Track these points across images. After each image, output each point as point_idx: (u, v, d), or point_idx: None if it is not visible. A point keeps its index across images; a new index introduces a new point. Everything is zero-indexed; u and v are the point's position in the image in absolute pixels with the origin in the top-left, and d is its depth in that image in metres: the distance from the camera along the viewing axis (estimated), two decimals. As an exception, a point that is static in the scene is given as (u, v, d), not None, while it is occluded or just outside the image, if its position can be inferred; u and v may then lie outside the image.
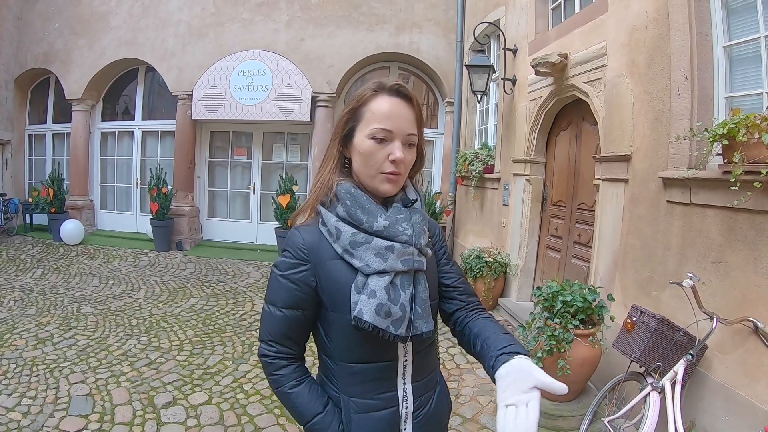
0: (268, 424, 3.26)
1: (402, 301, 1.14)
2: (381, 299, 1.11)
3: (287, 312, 1.18)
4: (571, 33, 4.47)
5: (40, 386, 3.61)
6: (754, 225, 2.48)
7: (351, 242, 1.15)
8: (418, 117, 1.20)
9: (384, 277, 1.13)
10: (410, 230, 1.18)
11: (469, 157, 6.93)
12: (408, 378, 1.23)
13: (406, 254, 1.16)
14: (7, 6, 9.42)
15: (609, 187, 3.82)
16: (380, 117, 1.15)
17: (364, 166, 1.18)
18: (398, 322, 1.13)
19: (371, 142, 1.16)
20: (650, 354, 2.69)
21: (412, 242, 1.17)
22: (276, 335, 1.20)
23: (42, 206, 9.16)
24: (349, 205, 1.16)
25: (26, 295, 5.86)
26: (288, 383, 1.20)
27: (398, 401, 1.22)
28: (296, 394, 1.19)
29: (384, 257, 1.13)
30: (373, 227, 1.15)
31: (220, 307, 5.73)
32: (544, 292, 3.35)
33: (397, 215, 1.19)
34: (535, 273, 5.54)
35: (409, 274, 1.17)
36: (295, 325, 1.20)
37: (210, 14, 8.84)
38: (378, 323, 1.10)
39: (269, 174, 9.57)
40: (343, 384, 1.21)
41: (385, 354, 1.19)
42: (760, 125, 2.27)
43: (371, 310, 1.10)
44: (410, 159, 1.20)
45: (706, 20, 2.95)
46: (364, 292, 1.12)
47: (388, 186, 1.19)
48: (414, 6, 8.58)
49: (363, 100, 1.18)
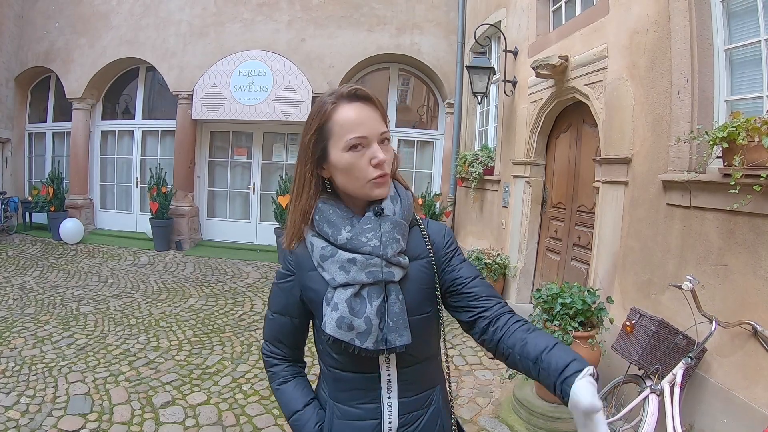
0: (266, 425, 3.26)
1: (367, 314, 1.11)
2: (342, 312, 1.11)
3: (277, 317, 1.28)
4: (571, 35, 4.47)
5: (39, 385, 3.61)
6: (753, 228, 2.48)
7: (320, 255, 1.17)
8: (383, 113, 1.18)
9: (347, 290, 1.12)
10: (375, 240, 1.14)
11: (469, 159, 6.93)
12: (394, 393, 1.20)
13: (371, 266, 1.13)
14: (8, 4, 9.43)
15: (609, 190, 3.82)
16: (350, 126, 1.12)
17: (349, 179, 1.15)
18: (363, 335, 1.11)
19: (349, 153, 1.12)
20: (649, 356, 2.69)
21: (377, 253, 1.13)
22: (269, 336, 1.31)
23: (42, 205, 9.15)
24: (318, 220, 1.18)
25: (25, 294, 5.86)
26: (277, 380, 1.30)
27: (381, 414, 1.19)
28: (281, 391, 1.29)
29: (346, 270, 1.13)
30: (338, 240, 1.16)
31: (219, 307, 5.72)
32: (543, 294, 3.35)
33: (364, 226, 1.16)
34: (534, 275, 5.54)
35: (378, 286, 1.13)
36: (284, 330, 1.28)
37: (211, 14, 8.85)
38: (340, 336, 1.11)
39: (269, 174, 9.56)
40: (330, 388, 1.24)
41: (364, 366, 1.17)
42: (761, 128, 2.27)
43: (332, 323, 1.12)
44: (390, 156, 1.18)
45: (707, 23, 2.95)
46: (329, 305, 1.14)
47: (379, 191, 1.16)
48: (415, 7, 8.59)
49: (326, 116, 1.13)
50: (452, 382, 1.34)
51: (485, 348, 1.20)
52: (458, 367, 4.16)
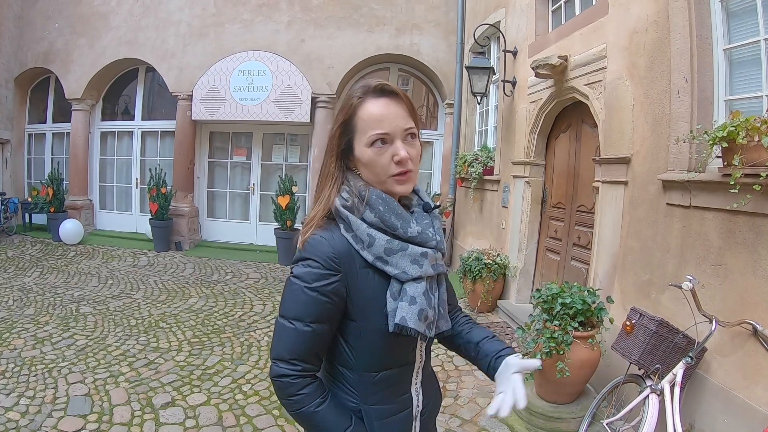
0: (266, 425, 3.25)
1: (434, 305, 1.18)
2: (422, 305, 1.13)
3: (316, 327, 1.11)
4: (571, 35, 4.47)
5: (39, 386, 3.61)
6: (753, 228, 2.48)
7: (386, 249, 1.12)
8: (410, 109, 1.17)
9: (420, 283, 1.14)
10: (438, 236, 1.21)
11: (468, 159, 6.93)
12: (419, 378, 1.28)
13: (436, 259, 1.19)
14: (8, 4, 9.43)
15: (608, 190, 3.82)
16: (374, 123, 1.12)
17: (372, 174, 1.16)
18: (431, 324, 1.18)
19: (372, 149, 1.13)
20: (649, 356, 2.69)
21: (439, 247, 1.20)
22: (301, 353, 1.12)
23: (41, 206, 9.16)
24: (383, 211, 1.13)
25: (25, 295, 5.85)
26: (313, 402, 1.12)
27: (412, 401, 1.26)
28: (324, 412, 1.13)
29: (419, 263, 1.14)
30: (408, 233, 1.15)
31: (219, 308, 5.72)
32: (543, 294, 3.35)
33: (423, 221, 1.20)
34: (534, 275, 5.54)
35: (434, 278, 1.21)
36: (322, 340, 1.14)
37: (210, 14, 8.85)
38: (420, 328, 1.13)
39: (269, 175, 9.56)
40: (362, 394, 1.19)
41: (406, 358, 1.24)
42: (760, 128, 2.27)
43: (414, 317, 1.11)
44: (415, 152, 1.17)
45: (707, 23, 2.95)
46: (403, 299, 1.12)
47: (400, 187, 1.16)
48: (414, 8, 8.59)
49: (352, 111, 1.15)
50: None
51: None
52: (458, 368, 4.16)
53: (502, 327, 5.21)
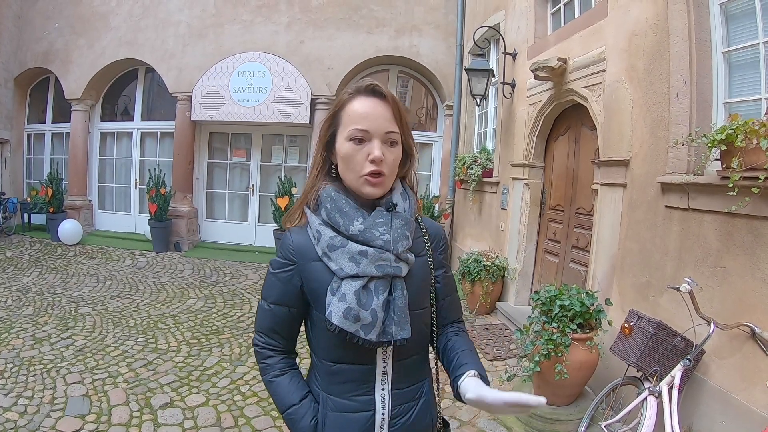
0: (265, 426, 3.25)
1: (374, 307, 1.13)
2: (350, 303, 1.12)
3: (274, 308, 1.24)
4: (570, 38, 4.48)
5: (37, 386, 3.60)
6: (751, 230, 2.49)
7: (329, 245, 1.16)
8: (397, 114, 1.19)
9: (356, 282, 1.13)
10: (387, 235, 1.17)
11: (468, 161, 6.94)
12: (387, 384, 1.22)
13: (381, 260, 1.15)
14: (7, 4, 9.42)
15: (607, 192, 3.83)
16: (356, 118, 1.16)
17: (346, 169, 1.19)
18: (368, 327, 1.13)
19: (350, 144, 1.16)
20: (648, 358, 2.69)
21: (388, 248, 1.16)
22: (264, 328, 1.27)
23: (40, 206, 9.14)
24: (329, 209, 1.18)
25: (24, 295, 5.85)
26: (271, 372, 1.26)
27: (374, 406, 1.21)
28: (277, 384, 1.25)
29: (357, 261, 1.14)
30: (349, 231, 1.16)
31: (217, 309, 5.72)
32: (542, 296, 3.36)
33: (376, 219, 1.18)
34: (533, 277, 5.54)
35: (385, 280, 1.16)
36: (281, 320, 1.25)
37: (210, 15, 8.85)
38: (345, 327, 1.12)
39: (268, 176, 9.56)
40: (323, 381, 1.23)
41: (363, 357, 1.20)
42: (759, 131, 2.28)
43: (339, 314, 1.12)
44: (393, 158, 1.19)
45: (706, 26, 2.96)
46: (336, 295, 1.13)
47: (369, 189, 1.17)
48: (414, 9, 8.60)
49: (341, 105, 1.20)
50: (439, 376, 1.37)
51: None
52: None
53: (501, 329, 5.21)
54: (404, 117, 1.22)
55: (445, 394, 3.73)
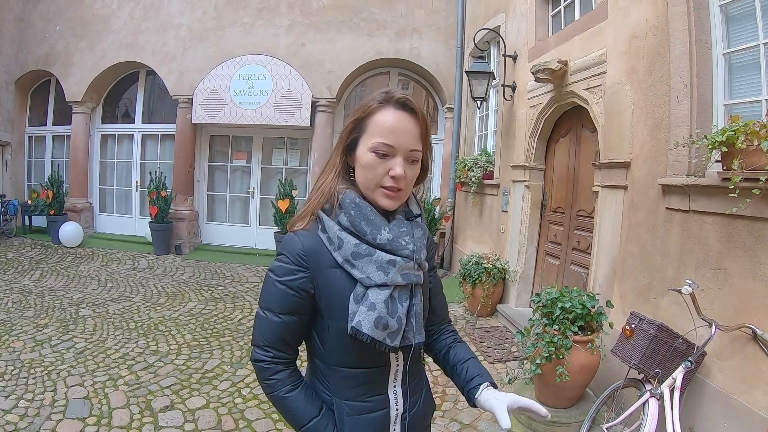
0: (265, 429, 3.25)
1: (399, 314, 1.15)
2: (380, 312, 1.12)
3: (285, 318, 1.17)
4: (570, 40, 4.49)
5: (38, 388, 3.60)
6: (752, 232, 2.49)
7: (353, 253, 1.14)
8: (424, 132, 1.18)
9: (384, 291, 1.13)
10: (412, 245, 1.19)
11: (468, 163, 6.94)
12: (399, 382, 1.27)
13: (407, 268, 1.17)
14: (9, 7, 9.45)
15: (608, 194, 3.83)
16: (383, 131, 1.14)
17: (364, 178, 1.18)
18: (394, 334, 1.15)
19: (372, 155, 1.14)
20: (649, 360, 2.69)
21: (413, 257, 1.18)
22: (272, 341, 1.19)
23: (41, 208, 9.14)
24: (354, 216, 1.15)
25: (24, 297, 5.85)
26: (284, 388, 1.19)
27: (389, 403, 1.24)
28: (292, 399, 1.19)
29: (386, 271, 1.14)
30: (377, 240, 1.15)
31: (218, 312, 5.71)
32: (542, 299, 3.35)
33: (400, 229, 1.19)
34: (533, 279, 5.54)
35: (407, 288, 1.18)
36: (292, 331, 1.20)
37: (211, 18, 8.87)
38: (375, 335, 1.12)
39: (269, 178, 9.57)
40: (335, 387, 1.22)
41: (378, 361, 1.22)
42: (759, 132, 2.28)
43: (370, 323, 1.11)
44: (412, 175, 1.19)
45: (706, 28, 2.97)
46: (363, 304, 1.12)
47: (386, 201, 1.17)
48: (414, 12, 8.61)
49: (368, 111, 1.16)
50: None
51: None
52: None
53: (502, 331, 5.21)
54: (429, 135, 1.21)
55: (446, 396, 3.73)
